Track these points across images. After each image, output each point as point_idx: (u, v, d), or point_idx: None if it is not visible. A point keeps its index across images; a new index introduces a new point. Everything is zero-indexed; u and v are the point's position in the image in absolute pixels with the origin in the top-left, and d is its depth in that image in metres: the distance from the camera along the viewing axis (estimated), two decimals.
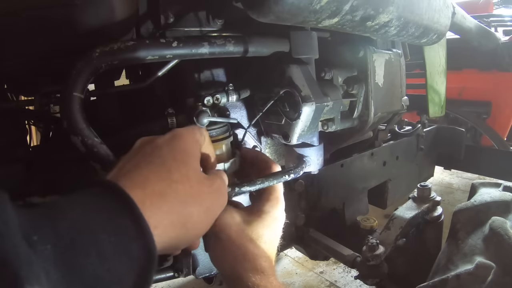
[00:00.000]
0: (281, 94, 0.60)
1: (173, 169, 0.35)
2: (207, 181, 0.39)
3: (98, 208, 0.29)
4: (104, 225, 0.28)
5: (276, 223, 0.50)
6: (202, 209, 0.37)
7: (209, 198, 0.38)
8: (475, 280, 0.58)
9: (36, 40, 0.52)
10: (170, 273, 0.68)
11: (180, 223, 0.34)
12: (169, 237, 0.33)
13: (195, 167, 0.38)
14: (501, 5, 2.98)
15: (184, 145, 0.39)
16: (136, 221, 0.29)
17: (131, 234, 0.29)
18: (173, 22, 0.59)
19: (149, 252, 0.29)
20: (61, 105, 0.44)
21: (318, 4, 0.46)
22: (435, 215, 0.84)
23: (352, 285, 1.69)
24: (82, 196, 0.30)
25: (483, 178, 1.62)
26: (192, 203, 0.36)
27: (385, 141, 1.17)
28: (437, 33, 0.75)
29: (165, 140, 0.38)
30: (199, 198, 0.37)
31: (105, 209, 0.29)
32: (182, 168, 0.36)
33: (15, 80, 0.74)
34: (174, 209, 0.34)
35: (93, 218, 0.28)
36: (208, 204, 0.38)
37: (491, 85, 1.94)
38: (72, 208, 0.28)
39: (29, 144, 0.88)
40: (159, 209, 0.33)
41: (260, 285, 0.44)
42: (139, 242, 0.29)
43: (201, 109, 0.51)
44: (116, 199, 0.30)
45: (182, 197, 0.35)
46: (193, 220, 0.36)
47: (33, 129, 0.99)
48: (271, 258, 0.48)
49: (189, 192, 0.36)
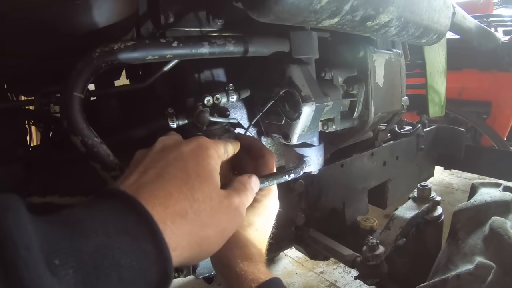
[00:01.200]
0: (281, 94, 0.60)
1: (196, 187, 0.35)
2: (227, 200, 0.38)
3: (120, 231, 0.28)
4: (127, 249, 0.27)
5: (268, 212, 0.50)
6: (219, 230, 0.37)
7: (226, 218, 0.38)
8: (475, 280, 0.58)
9: (36, 40, 0.52)
10: None
11: (197, 243, 0.34)
12: (184, 257, 0.33)
13: (217, 185, 0.37)
14: (501, 5, 2.98)
15: (209, 159, 0.38)
16: (158, 246, 0.29)
17: (152, 258, 0.29)
18: (173, 22, 0.59)
19: (166, 276, 0.29)
20: (61, 105, 0.44)
21: (318, 4, 0.46)
22: (435, 215, 0.85)
23: (352, 285, 1.69)
24: (101, 212, 0.29)
25: (483, 178, 1.62)
26: (211, 225, 0.35)
27: (385, 141, 1.17)
28: (437, 33, 0.75)
29: (191, 150, 0.37)
30: (218, 219, 0.36)
31: (128, 232, 0.28)
32: (205, 188, 0.35)
33: (15, 80, 0.74)
34: (193, 231, 0.33)
35: (116, 242, 0.27)
36: (225, 225, 0.37)
37: (491, 85, 1.94)
38: (94, 227, 0.27)
39: (29, 144, 0.88)
40: (179, 230, 0.32)
41: (248, 271, 0.45)
42: (158, 266, 0.29)
43: (201, 109, 0.51)
44: (139, 220, 0.29)
45: (203, 219, 0.34)
46: (209, 241, 0.36)
47: (33, 129, 0.99)
48: (261, 245, 0.49)
49: (209, 214, 0.35)
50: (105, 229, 0.27)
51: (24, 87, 0.79)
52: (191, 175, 0.35)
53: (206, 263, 0.67)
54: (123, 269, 0.26)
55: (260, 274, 0.44)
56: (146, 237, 0.29)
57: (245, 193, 0.41)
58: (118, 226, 0.28)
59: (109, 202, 0.30)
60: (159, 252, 0.29)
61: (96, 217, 0.28)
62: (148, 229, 0.29)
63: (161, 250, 0.29)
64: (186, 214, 0.33)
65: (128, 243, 0.28)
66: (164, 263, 0.29)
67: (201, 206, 0.34)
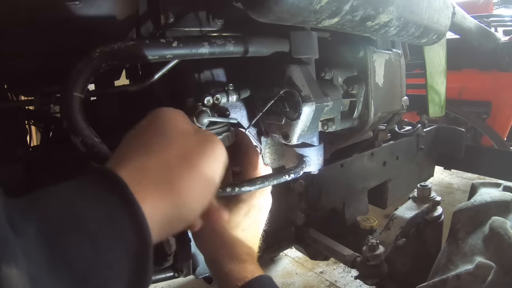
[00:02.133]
0: (281, 94, 0.60)
1: (152, 142, 0.34)
2: (196, 137, 0.37)
3: (84, 191, 0.28)
4: (91, 205, 0.27)
5: (255, 212, 0.50)
6: (194, 168, 0.34)
7: (197, 151, 0.35)
8: (475, 280, 0.58)
9: (36, 40, 0.52)
10: (170, 273, 0.68)
11: (169, 190, 0.32)
12: (162, 211, 0.31)
13: (176, 132, 0.36)
14: (501, 5, 2.98)
15: (164, 117, 0.37)
16: (123, 196, 0.28)
17: (117, 205, 0.27)
18: (173, 22, 0.58)
19: (141, 232, 0.28)
20: (61, 105, 0.44)
21: (318, 4, 0.46)
22: (435, 215, 0.84)
23: (352, 285, 1.69)
24: (69, 182, 0.29)
25: (483, 178, 1.62)
26: (178, 165, 0.33)
27: (385, 141, 1.17)
28: (437, 33, 0.75)
29: (146, 120, 0.38)
30: (186, 157, 0.34)
31: (91, 191, 0.28)
32: (160, 137, 0.35)
33: (15, 80, 0.74)
34: (158, 178, 0.32)
35: (79, 199, 0.27)
36: (199, 160, 0.35)
37: (491, 85, 1.94)
38: (59, 191, 0.27)
39: (29, 144, 0.88)
40: (144, 178, 0.31)
41: (234, 270, 0.46)
42: (129, 217, 0.27)
43: (201, 109, 0.51)
44: (101, 179, 0.29)
45: (164, 163, 0.33)
46: (185, 185, 0.33)
47: (33, 129, 0.99)
48: (250, 244, 0.50)
49: (171, 156, 0.33)
50: (68, 192, 0.27)
51: (24, 87, 0.79)
52: (145, 136, 0.35)
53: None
54: (87, 225, 0.26)
55: (246, 273, 0.45)
56: (110, 189, 0.28)
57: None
58: (83, 187, 0.28)
59: (84, 176, 0.30)
60: (125, 202, 0.28)
61: (62, 185, 0.28)
62: (110, 184, 0.28)
63: (125, 197, 0.28)
64: (146, 166, 0.32)
65: (90, 199, 0.27)
66: (132, 208, 0.28)
67: (162, 154, 0.33)
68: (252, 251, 0.50)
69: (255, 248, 0.51)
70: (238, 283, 0.44)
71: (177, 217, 0.33)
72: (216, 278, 0.49)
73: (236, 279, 0.45)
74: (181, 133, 0.36)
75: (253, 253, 0.50)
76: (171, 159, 0.33)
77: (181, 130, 0.36)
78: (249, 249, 0.49)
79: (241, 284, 0.44)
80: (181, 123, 0.38)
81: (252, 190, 0.49)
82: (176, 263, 0.67)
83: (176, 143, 0.35)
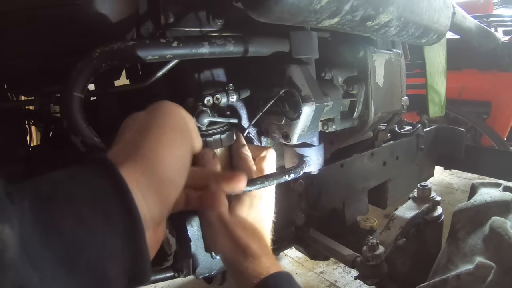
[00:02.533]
0: (281, 94, 0.60)
1: (126, 128, 0.37)
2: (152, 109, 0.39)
3: (78, 172, 0.29)
4: (82, 185, 0.28)
5: (257, 201, 0.50)
6: (160, 135, 0.35)
7: (162, 118, 0.37)
8: (475, 280, 0.58)
9: (36, 40, 0.52)
10: (170, 273, 0.68)
11: (148, 165, 0.33)
12: (146, 185, 0.32)
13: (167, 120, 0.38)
14: (501, 5, 2.98)
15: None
16: (113, 180, 0.29)
17: (107, 190, 0.28)
18: (173, 22, 0.58)
19: (130, 213, 0.28)
20: (61, 105, 0.44)
21: (318, 4, 0.46)
22: (435, 215, 0.84)
23: (352, 285, 1.69)
24: (64, 169, 0.30)
25: (483, 178, 1.62)
26: (144, 135, 0.35)
27: (385, 141, 1.17)
28: (437, 33, 0.75)
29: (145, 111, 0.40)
30: (149, 127, 0.36)
31: (83, 171, 0.29)
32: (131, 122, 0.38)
33: (15, 80, 0.74)
34: (133, 153, 0.33)
35: (73, 179, 0.28)
36: (164, 126, 0.37)
37: (491, 85, 1.94)
38: (53, 175, 0.29)
39: (29, 144, 0.88)
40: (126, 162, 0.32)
41: (249, 267, 0.45)
42: (116, 201, 0.28)
43: (201, 109, 0.51)
44: (95, 162, 0.30)
45: (132, 138, 0.35)
46: (160, 154, 0.34)
47: (33, 129, 0.99)
48: (261, 236, 0.49)
49: (135, 131, 0.36)
50: (64, 174, 0.29)
51: (24, 87, 0.79)
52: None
53: (206, 263, 0.67)
54: (78, 203, 0.26)
55: (261, 270, 0.44)
56: (101, 173, 0.29)
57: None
58: (78, 171, 0.29)
59: (76, 165, 0.31)
60: (114, 183, 0.29)
61: (59, 171, 0.29)
62: (101, 166, 0.30)
63: (115, 180, 0.29)
64: (121, 148, 0.34)
65: (84, 180, 0.28)
66: (121, 191, 0.28)
67: (129, 132, 0.36)
68: (265, 244, 0.49)
69: (267, 241, 0.50)
70: (253, 280, 0.43)
71: (155, 180, 0.33)
72: (232, 277, 0.48)
73: (252, 277, 0.43)
74: (135, 116, 0.39)
75: (266, 247, 0.48)
76: (128, 136, 0.36)
77: (135, 116, 0.39)
78: (260, 242, 0.48)
79: (256, 282, 0.43)
80: (178, 116, 0.39)
81: (252, 190, 0.49)
82: (176, 263, 0.67)
83: (133, 123, 0.38)
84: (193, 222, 0.62)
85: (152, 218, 0.32)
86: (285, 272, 0.45)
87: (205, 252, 0.64)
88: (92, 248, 0.26)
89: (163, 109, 0.39)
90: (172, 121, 0.38)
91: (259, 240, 0.48)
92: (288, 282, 0.44)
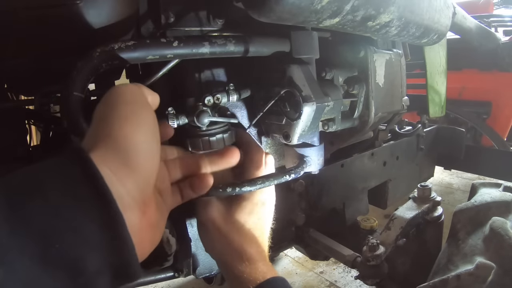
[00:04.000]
0: (282, 94, 0.60)
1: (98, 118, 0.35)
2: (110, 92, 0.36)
3: (47, 161, 0.28)
4: (50, 172, 0.27)
5: (259, 208, 0.50)
6: (117, 112, 0.34)
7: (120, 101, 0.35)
8: (476, 280, 0.58)
9: (36, 40, 0.52)
10: (170, 273, 0.68)
11: (115, 143, 0.31)
12: (118, 164, 0.30)
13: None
14: (501, 5, 2.98)
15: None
16: (78, 157, 0.28)
17: (76, 175, 0.27)
18: (174, 21, 0.58)
19: (103, 196, 0.27)
20: (61, 105, 0.44)
21: (319, 4, 0.46)
22: (435, 215, 0.84)
23: (352, 285, 1.69)
24: (39, 162, 0.29)
25: (483, 178, 1.62)
26: (104, 120, 0.33)
27: (385, 141, 1.17)
28: (437, 33, 0.75)
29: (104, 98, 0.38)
30: (106, 111, 0.34)
31: (56, 162, 0.28)
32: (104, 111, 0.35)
33: (15, 80, 0.74)
34: (100, 137, 0.32)
35: (41, 168, 0.27)
36: (117, 104, 0.35)
37: (491, 85, 1.94)
38: (26, 169, 0.27)
39: (29, 144, 0.88)
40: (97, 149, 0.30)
41: (245, 272, 0.45)
42: (86, 185, 0.27)
43: (201, 109, 0.51)
44: (66, 155, 0.29)
45: (96, 126, 0.34)
46: (123, 129, 0.32)
47: (33, 129, 0.99)
48: (259, 242, 0.49)
49: (97, 120, 0.34)
50: (34, 166, 0.27)
51: (24, 87, 0.79)
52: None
53: (206, 263, 0.67)
54: (45, 188, 0.25)
55: (258, 275, 0.44)
56: (68, 158, 0.28)
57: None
58: (47, 161, 0.28)
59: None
60: (82, 166, 0.27)
61: (33, 165, 0.28)
62: (69, 152, 0.29)
63: (83, 163, 0.27)
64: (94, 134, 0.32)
65: (51, 168, 0.27)
66: (87, 169, 0.27)
67: (98, 121, 0.34)
68: (262, 249, 0.49)
69: (264, 247, 0.50)
70: (250, 285, 0.43)
71: (121, 155, 0.31)
72: (228, 281, 0.48)
73: (248, 281, 0.43)
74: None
75: (263, 252, 0.49)
76: (92, 123, 0.34)
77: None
78: (258, 247, 0.48)
79: (252, 287, 0.43)
80: (124, 89, 0.38)
81: (252, 190, 0.49)
82: (176, 263, 0.67)
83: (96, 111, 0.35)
84: (193, 222, 0.62)
85: (133, 198, 0.30)
86: (281, 277, 0.45)
87: (205, 252, 0.64)
88: (65, 236, 0.24)
89: (110, 93, 0.37)
90: (122, 97, 0.36)
91: (256, 246, 0.48)
92: (283, 287, 0.44)
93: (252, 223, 0.49)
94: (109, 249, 0.26)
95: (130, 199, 0.30)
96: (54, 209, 0.25)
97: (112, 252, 0.26)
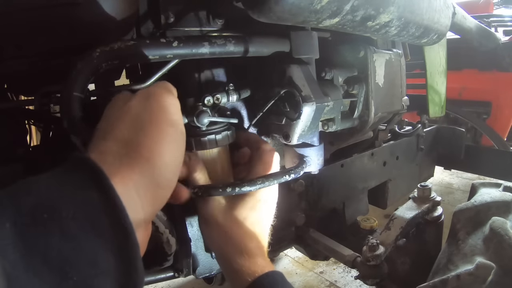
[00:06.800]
0: (282, 94, 0.60)
1: (105, 125, 0.36)
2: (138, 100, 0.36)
3: (63, 182, 0.26)
4: (68, 200, 0.25)
5: (261, 204, 0.50)
6: (146, 129, 0.33)
7: (144, 112, 0.35)
8: (475, 280, 0.58)
9: (37, 39, 0.52)
10: (170, 273, 0.68)
11: (133, 159, 0.31)
12: (134, 183, 0.30)
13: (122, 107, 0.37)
14: (501, 5, 2.98)
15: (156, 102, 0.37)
16: (101, 187, 0.26)
17: (97, 203, 0.26)
18: (174, 22, 0.58)
19: (121, 226, 0.26)
20: (61, 105, 0.44)
21: (319, 4, 0.46)
22: (435, 215, 0.84)
23: (352, 285, 1.69)
24: (52, 172, 0.28)
25: (483, 178, 1.62)
26: (131, 132, 0.33)
27: (385, 141, 1.17)
28: (437, 33, 0.75)
29: (137, 102, 0.38)
30: (135, 123, 0.34)
31: (70, 182, 0.26)
32: (111, 119, 0.36)
33: (15, 80, 0.74)
34: (118, 153, 0.31)
35: (57, 192, 0.25)
36: (161, 122, 0.35)
37: (491, 85, 1.94)
38: (37, 184, 0.26)
39: (29, 144, 0.88)
40: (104, 164, 0.29)
41: (244, 265, 0.45)
42: (107, 212, 0.26)
43: (201, 109, 0.51)
44: (82, 170, 0.27)
45: (118, 138, 0.32)
46: (146, 146, 0.32)
47: (33, 129, 0.99)
48: (259, 238, 0.49)
49: (123, 129, 0.33)
50: (48, 184, 0.26)
51: (24, 87, 0.79)
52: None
53: (206, 263, 0.67)
54: (64, 221, 0.24)
55: (256, 269, 0.45)
56: (90, 184, 0.26)
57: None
58: (63, 179, 0.27)
59: (61, 166, 0.29)
60: (104, 196, 0.26)
61: (42, 177, 0.27)
62: (90, 174, 0.27)
63: (105, 192, 0.26)
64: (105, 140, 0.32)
65: (70, 192, 0.26)
66: (112, 204, 0.26)
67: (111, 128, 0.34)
68: (262, 245, 0.49)
69: (264, 243, 0.50)
70: (248, 278, 0.43)
71: (153, 182, 0.32)
72: (227, 275, 0.48)
73: (247, 275, 0.44)
74: (127, 106, 0.36)
75: (262, 248, 0.49)
76: (122, 131, 0.33)
77: (126, 104, 0.37)
78: (258, 243, 0.48)
79: (251, 280, 0.43)
80: (174, 109, 0.38)
81: (252, 190, 0.49)
82: (176, 263, 0.67)
83: (125, 115, 0.35)
84: (193, 222, 0.62)
85: (145, 219, 0.31)
86: (279, 272, 0.46)
87: (205, 252, 0.64)
88: (83, 269, 0.24)
89: (159, 101, 0.36)
90: (169, 116, 0.36)
91: (257, 241, 0.48)
92: (282, 281, 0.45)
93: (253, 219, 0.49)
94: (123, 278, 0.26)
95: (143, 220, 0.31)
96: (72, 241, 0.24)
97: (125, 279, 0.26)
